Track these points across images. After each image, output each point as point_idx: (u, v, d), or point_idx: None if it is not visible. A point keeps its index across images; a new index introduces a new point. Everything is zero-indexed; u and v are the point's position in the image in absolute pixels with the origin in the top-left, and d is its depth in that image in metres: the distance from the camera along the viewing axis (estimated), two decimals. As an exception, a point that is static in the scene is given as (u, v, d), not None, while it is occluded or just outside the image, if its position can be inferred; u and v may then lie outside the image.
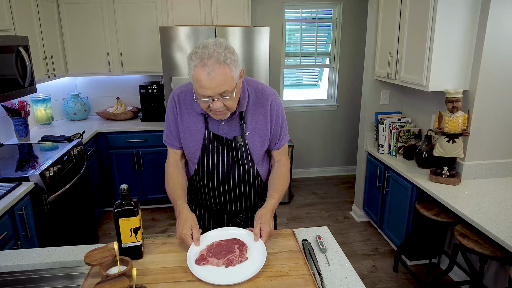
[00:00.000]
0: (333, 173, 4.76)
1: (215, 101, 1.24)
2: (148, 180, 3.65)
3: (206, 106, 1.28)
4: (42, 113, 3.41)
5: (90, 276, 1.17)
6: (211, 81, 1.19)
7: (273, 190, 1.42)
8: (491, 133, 2.39)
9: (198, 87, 1.22)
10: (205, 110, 1.31)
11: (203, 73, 1.19)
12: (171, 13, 3.48)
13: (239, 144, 1.41)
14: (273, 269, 1.19)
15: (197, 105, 1.39)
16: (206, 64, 1.19)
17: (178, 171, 1.49)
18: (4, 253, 1.35)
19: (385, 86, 3.21)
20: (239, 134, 1.41)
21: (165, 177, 1.50)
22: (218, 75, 1.19)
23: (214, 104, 1.25)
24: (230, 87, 1.23)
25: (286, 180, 1.49)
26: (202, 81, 1.20)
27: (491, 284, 2.37)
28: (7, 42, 2.32)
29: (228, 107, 1.28)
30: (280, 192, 1.43)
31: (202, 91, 1.22)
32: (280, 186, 1.45)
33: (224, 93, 1.23)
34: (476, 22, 2.28)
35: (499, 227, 1.82)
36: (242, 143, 1.41)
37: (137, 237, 1.23)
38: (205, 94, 1.22)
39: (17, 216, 1.97)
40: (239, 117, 1.41)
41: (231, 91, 1.24)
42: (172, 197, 1.41)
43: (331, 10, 4.28)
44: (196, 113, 1.42)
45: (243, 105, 1.39)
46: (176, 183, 1.44)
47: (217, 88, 1.21)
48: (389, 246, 3.09)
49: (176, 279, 1.15)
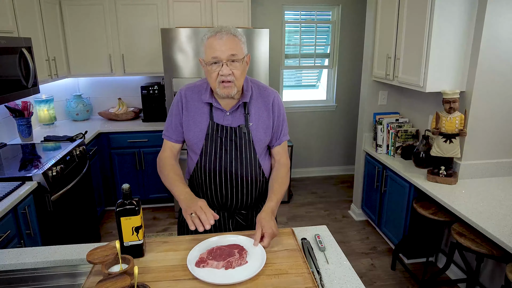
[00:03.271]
0: (332, 173, 4.78)
1: (224, 65, 1.32)
2: (150, 179, 3.67)
3: (215, 76, 1.34)
4: (45, 113, 3.43)
5: (92, 274, 1.18)
6: (222, 44, 1.31)
7: (271, 193, 1.46)
8: (488, 133, 2.40)
9: (210, 51, 1.32)
10: (213, 83, 1.36)
11: (215, 38, 1.32)
12: (172, 15, 3.50)
13: (243, 133, 1.45)
14: (273, 267, 1.20)
15: (205, 95, 1.45)
16: (219, 32, 1.32)
17: (174, 162, 1.51)
18: (8, 252, 1.36)
19: (383, 87, 3.23)
20: (244, 123, 1.46)
21: (159, 167, 1.51)
22: (228, 39, 1.32)
23: (223, 70, 1.32)
24: (239, 54, 1.33)
25: (285, 182, 1.52)
26: (214, 43, 1.32)
27: (487, 282, 2.38)
28: (11, 44, 2.34)
29: (235, 77, 1.35)
30: (279, 195, 1.45)
31: (212, 53, 1.32)
32: (279, 189, 1.47)
33: (233, 56, 1.32)
34: (472, 23, 2.29)
35: (496, 225, 1.83)
36: (246, 132, 1.45)
37: (138, 235, 1.24)
38: (215, 55, 1.31)
39: (21, 215, 1.98)
40: (243, 108, 1.46)
41: (240, 57, 1.34)
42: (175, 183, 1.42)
43: (330, 12, 4.29)
44: (202, 105, 1.46)
45: (246, 96, 1.45)
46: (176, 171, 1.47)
47: (227, 51, 1.31)
48: (387, 244, 3.11)
49: (177, 277, 1.16)
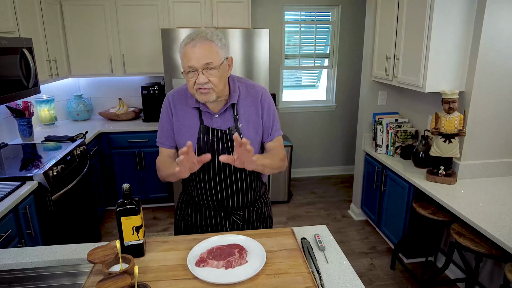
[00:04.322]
0: (331, 173, 4.78)
1: (200, 74, 1.29)
2: (150, 179, 3.67)
3: (192, 83, 1.32)
4: (46, 113, 3.44)
5: (92, 273, 1.19)
6: (195, 52, 1.27)
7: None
8: (487, 134, 2.41)
9: (185, 59, 1.29)
10: (191, 90, 1.35)
11: (189, 46, 1.28)
12: (172, 15, 3.51)
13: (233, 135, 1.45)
14: (273, 267, 1.21)
15: (192, 100, 1.44)
16: (194, 39, 1.29)
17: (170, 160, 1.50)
18: (9, 251, 1.36)
19: (383, 87, 3.23)
20: (233, 125, 1.45)
21: (158, 169, 1.51)
22: (202, 46, 1.28)
23: (199, 78, 1.29)
24: (215, 61, 1.29)
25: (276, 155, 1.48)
26: (188, 52, 1.28)
27: (486, 281, 2.39)
28: (12, 44, 2.34)
29: (213, 84, 1.31)
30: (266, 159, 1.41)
31: (187, 62, 1.29)
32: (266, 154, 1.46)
33: (208, 64, 1.28)
34: (471, 24, 2.30)
35: (494, 225, 1.84)
36: (236, 133, 1.44)
37: (138, 235, 1.24)
38: (189, 65, 1.28)
39: (21, 215, 1.98)
40: (232, 110, 1.45)
41: (215, 65, 1.29)
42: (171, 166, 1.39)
43: (329, 13, 4.30)
44: (191, 109, 1.46)
45: (234, 97, 1.43)
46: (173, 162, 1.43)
47: (201, 59, 1.27)
48: (387, 244, 3.12)
49: (177, 276, 1.16)
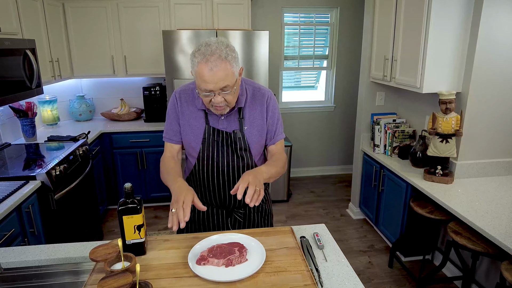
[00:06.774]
0: (330, 172, 4.80)
1: (216, 95, 1.30)
2: (151, 179, 3.70)
3: (208, 101, 1.34)
4: (49, 114, 3.46)
5: (95, 271, 1.19)
6: (213, 76, 1.26)
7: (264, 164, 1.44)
8: (483, 134, 2.43)
9: (201, 82, 1.28)
10: (207, 105, 1.37)
11: (206, 69, 1.25)
12: (173, 17, 3.53)
13: (238, 138, 1.47)
14: (272, 265, 1.21)
15: (198, 101, 1.46)
16: (209, 60, 1.25)
17: (174, 161, 1.53)
18: (12, 249, 1.37)
19: (381, 88, 3.25)
20: (238, 128, 1.48)
21: (160, 167, 1.53)
22: (219, 70, 1.26)
23: (215, 99, 1.31)
24: (231, 82, 1.30)
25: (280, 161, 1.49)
26: (205, 76, 1.26)
27: (483, 279, 2.41)
28: (15, 45, 2.36)
29: (228, 102, 1.35)
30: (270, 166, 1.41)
31: (204, 86, 1.28)
32: (271, 162, 1.46)
33: (225, 87, 1.29)
34: (468, 25, 2.31)
35: (491, 224, 1.86)
36: (241, 136, 1.47)
37: (140, 234, 1.25)
38: (207, 89, 1.28)
39: (24, 214, 2.00)
40: (238, 113, 1.48)
41: (231, 86, 1.31)
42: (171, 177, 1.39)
43: (328, 15, 4.32)
44: (197, 109, 1.48)
45: (241, 101, 1.46)
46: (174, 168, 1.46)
47: (218, 83, 1.27)
48: (385, 242, 3.14)
49: (178, 274, 1.17)
